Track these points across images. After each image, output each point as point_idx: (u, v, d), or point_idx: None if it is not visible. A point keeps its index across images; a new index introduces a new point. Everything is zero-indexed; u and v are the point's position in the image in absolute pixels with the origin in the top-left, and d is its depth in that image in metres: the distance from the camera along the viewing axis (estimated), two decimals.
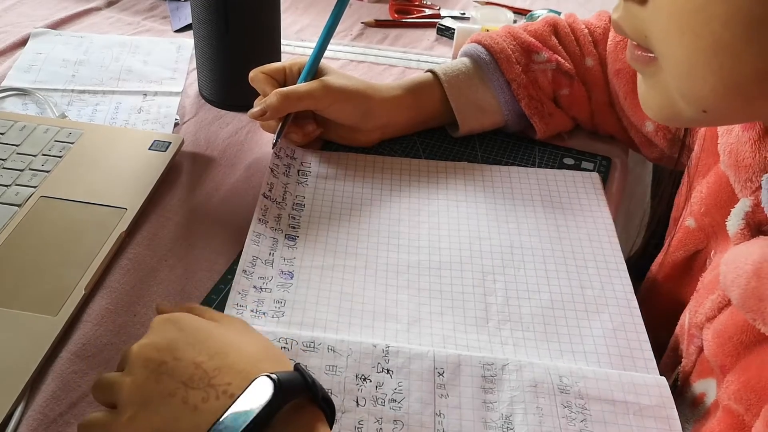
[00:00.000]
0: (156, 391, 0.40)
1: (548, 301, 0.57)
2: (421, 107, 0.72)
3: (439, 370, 0.50)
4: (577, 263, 0.60)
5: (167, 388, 0.40)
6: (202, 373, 0.40)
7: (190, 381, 0.40)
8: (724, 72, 0.36)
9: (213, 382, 0.40)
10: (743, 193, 0.46)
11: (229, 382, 0.40)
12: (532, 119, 0.72)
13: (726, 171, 0.48)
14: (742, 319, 0.43)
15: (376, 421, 0.47)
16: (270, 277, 0.57)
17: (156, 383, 0.40)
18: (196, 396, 0.40)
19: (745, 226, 0.45)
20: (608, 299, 0.57)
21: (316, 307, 0.55)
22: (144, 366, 0.41)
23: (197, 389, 0.40)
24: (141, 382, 0.41)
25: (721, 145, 0.49)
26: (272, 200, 0.63)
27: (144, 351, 0.42)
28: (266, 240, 0.60)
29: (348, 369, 0.49)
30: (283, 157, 0.68)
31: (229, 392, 0.39)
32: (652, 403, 0.49)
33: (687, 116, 0.41)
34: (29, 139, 0.68)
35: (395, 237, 0.62)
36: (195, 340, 0.43)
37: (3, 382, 0.47)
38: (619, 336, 0.54)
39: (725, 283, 0.43)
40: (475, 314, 0.56)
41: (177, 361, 0.41)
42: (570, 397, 0.49)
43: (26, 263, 0.56)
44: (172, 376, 0.40)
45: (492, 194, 0.67)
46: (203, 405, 0.39)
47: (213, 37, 0.73)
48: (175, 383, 0.40)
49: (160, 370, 0.41)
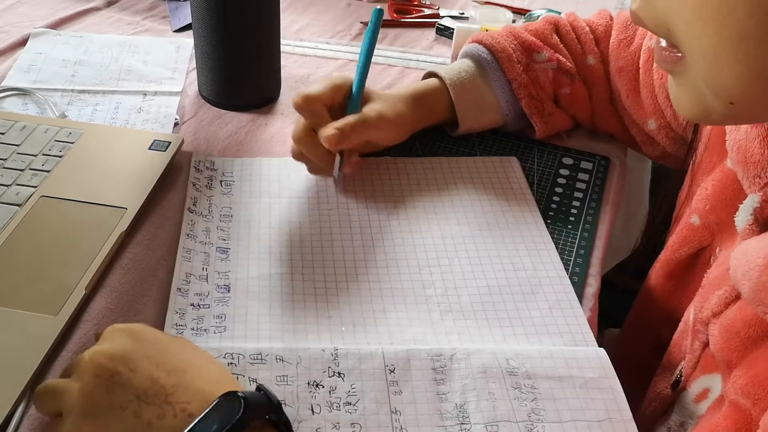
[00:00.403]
0: (106, 401, 0.39)
1: (485, 287, 0.58)
2: (431, 113, 0.72)
3: (390, 367, 0.50)
4: (507, 248, 0.62)
5: (119, 401, 0.39)
6: (159, 388, 0.39)
7: (144, 395, 0.39)
8: (749, 60, 0.36)
9: (170, 399, 0.39)
10: (751, 189, 0.46)
11: (188, 401, 0.39)
12: (532, 119, 0.72)
13: (734, 167, 0.49)
14: (750, 314, 0.44)
15: (334, 427, 0.47)
16: (207, 293, 0.56)
17: (107, 393, 0.39)
18: (150, 412, 0.38)
19: (753, 221, 0.46)
20: (541, 279, 0.59)
21: (258, 318, 0.54)
22: (95, 374, 0.40)
23: (152, 405, 0.38)
24: (90, 389, 0.39)
25: (728, 142, 0.49)
26: (198, 214, 0.62)
27: (97, 358, 0.40)
28: (198, 255, 0.58)
29: (299, 377, 0.49)
30: (203, 170, 0.67)
31: (188, 411, 0.38)
32: (596, 375, 0.51)
33: (717, 111, 0.40)
34: (29, 138, 0.68)
35: (327, 239, 0.62)
36: (152, 353, 0.42)
37: (4, 381, 0.47)
38: (555, 314, 0.56)
39: (736, 277, 0.44)
40: (417, 308, 0.56)
41: (132, 372, 0.40)
42: (519, 378, 0.50)
43: (27, 263, 0.56)
44: (125, 388, 0.39)
45: (417, 187, 0.68)
46: (158, 422, 0.38)
47: (213, 36, 0.73)
48: (128, 396, 0.39)
49: (113, 381, 0.39)
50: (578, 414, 0.48)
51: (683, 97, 0.42)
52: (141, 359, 0.41)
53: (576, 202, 0.68)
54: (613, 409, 0.49)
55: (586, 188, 0.70)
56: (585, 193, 0.70)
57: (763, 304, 0.41)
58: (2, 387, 0.47)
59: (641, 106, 0.70)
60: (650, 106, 0.69)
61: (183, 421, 0.38)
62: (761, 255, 0.42)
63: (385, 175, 0.69)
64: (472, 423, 0.48)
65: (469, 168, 0.71)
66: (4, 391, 0.47)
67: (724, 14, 0.35)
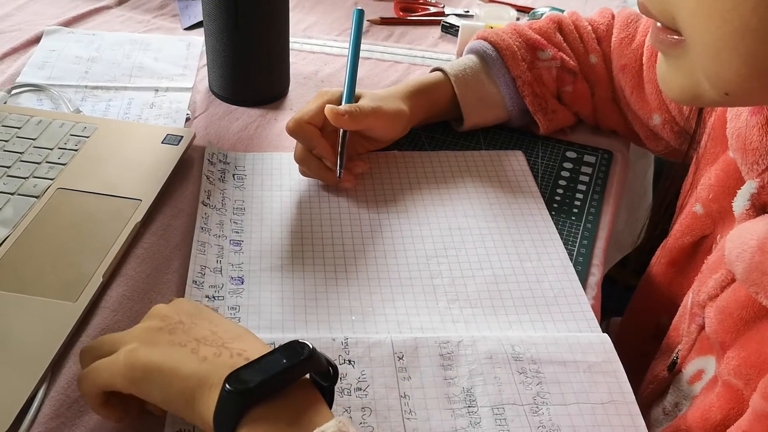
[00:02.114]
0: (166, 339, 0.41)
1: (491, 276, 0.60)
2: (434, 107, 0.73)
3: (398, 354, 0.52)
4: (513, 238, 0.63)
5: (179, 339, 0.41)
6: (217, 337, 0.42)
7: (204, 339, 0.41)
8: (750, 56, 0.37)
9: (227, 345, 0.41)
10: (750, 176, 0.48)
11: (244, 348, 0.41)
12: (535, 116, 0.74)
13: (734, 155, 0.50)
14: (744, 296, 0.45)
15: (345, 411, 0.48)
16: (221, 285, 0.57)
17: (169, 334, 0.42)
18: (208, 350, 0.40)
19: (750, 206, 0.47)
20: (546, 268, 0.61)
21: (271, 308, 0.56)
22: (162, 319, 0.43)
23: (211, 346, 0.41)
24: (154, 328, 0.42)
25: (729, 130, 0.51)
26: (212, 207, 0.64)
27: (165, 309, 0.44)
28: (212, 248, 0.60)
29: None
30: (216, 163, 0.69)
31: (244, 356, 0.40)
32: (599, 359, 0.52)
33: (709, 97, 0.41)
34: (45, 133, 0.70)
35: (338, 231, 0.63)
36: (213, 318, 0.44)
37: (27, 364, 0.49)
38: (560, 302, 0.58)
39: (730, 259, 0.45)
40: (424, 297, 0.58)
41: (194, 324, 0.43)
42: (524, 363, 0.52)
43: (46, 252, 0.57)
44: (187, 333, 0.42)
45: (425, 180, 0.70)
46: (215, 359, 0.40)
47: (223, 33, 0.75)
48: (188, 338, 0.41)
49: (176, 327, 0.42)
50: (582, 397, 0.50)
51: (674, 80, 0.43)
52: (203, 319, 0.44)
53: (579, 195, 0.70)
54: (616, 391, 0.50)
55: (589, 181, 0.72)
56: (588, 185, 0.71)
57: (755, 284, 0.43)
58: (24, 370, 0.48)
59: (645, 102, 0.71)
60: (654, 102, 0.70)
61: (240, 361, 0.40)
62: (754, 237, 0.43)
63: (393, 168, 0.71)
64: (479, 406, 0.49)
65: (476, 161, 0.72)
66: (28, 373, 0.48)
67: (727, 9, 0.36)
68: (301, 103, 0.81)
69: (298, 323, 0.55)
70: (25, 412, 0.47)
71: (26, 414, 0.47)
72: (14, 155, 0.67)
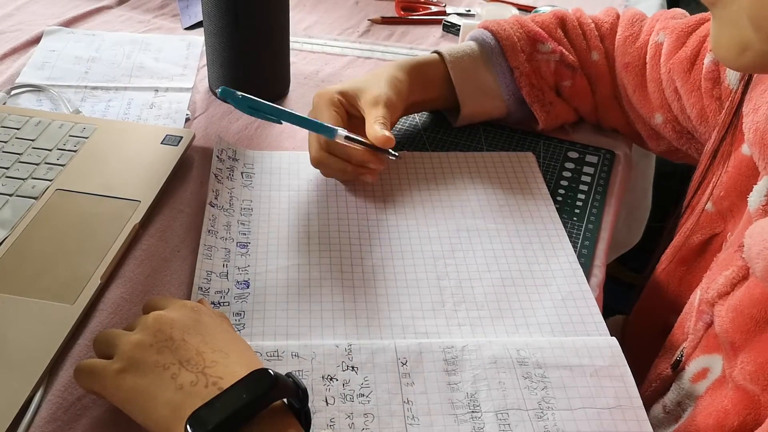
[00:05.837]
0: (153, 359, 0.43)
1: (499, 279, 0.59)
2: (427, 88, 0.72)
3: (402, 360, 0.51)
4: (522, 240, 0.63)
5: (164, 361, 0.43)
6: (201, 360, 0.43)
7: (186, 363, 0.43)
8: None
9: (207, 372, 0.42)
10: (767, 171, 0.47)
11: (221, 377, 0.42)
12: (532, 107, 0.73)
13: (750, 149, 0.49)
14: (759, 294, 0.44)
15: (347, 417, 0.48)
16: (227, 290, 0.56)
17: (157, 353, 0.43)
18: (186, 377, 0.42)
19: (767, 202, 0.46)
20: (554, 272, 0.60)
21: (275, 314, 0.55)
22: (154, 334, 0.44)
23: (190, 372, 0.42)
24: (146, 345, 0.44)
25: (746, 124, 0.50)
26: (219, 208, 0.63)
27: (161, 321, 0.45)
28: (218, 252, 0.59)
29: (314, 371, 0.50)
30: (225, 159, 0.68)
31: (219, 385, 0.41)
32: (606, 363, 0.51)
33: (754, 48, 0.40)
34: (44, 134, 0.69)
35: (345, 232, 0.63)
36: (205, 332, 0.45)
37: (24, 367, 0.48)
38: (568, 305, 0.57)
39: (750, 256, 0.44)
40: (431, 299, 0.57)
41: (183, 342, 0.44)
42: (529, 368, 0.51)
43: (44, 254, 0.57)
44: (174, 353, 0.43)
45: (434, 181, 0.69)
46: (191, 388, 0.42)
47: (223, 33, 0.74)
48: (173, 359, 0.43)
49: (165, 344, 0.44)
50: (588, 402, 0.49)
51: (722, 33, 0.42)
52: (195, 335, 0.45)
53: (581, 195, 0.69)
54: (624, 396, 0.49)
55: (591, 181, 0.71)
56: (590, 186, 0.71)
57: None
58: (23, 372, 0.48)
59: (648, 101, 0.71)
60: (657, 101, 0.69)
61: (213, 392, 0.41)
62: None
63: (402, 169, 0.70)
64: (483, 411, 0.48)
65: (486, 163, 0.72)
66: (24, 376, 0.48)
67: None
68: (301, 103, 0.80)
69: (302, 329, 0.54)
70: (22, 416, 0.46)
71: (23, 417, 0.46)
72: (13, 156, 0.66)
